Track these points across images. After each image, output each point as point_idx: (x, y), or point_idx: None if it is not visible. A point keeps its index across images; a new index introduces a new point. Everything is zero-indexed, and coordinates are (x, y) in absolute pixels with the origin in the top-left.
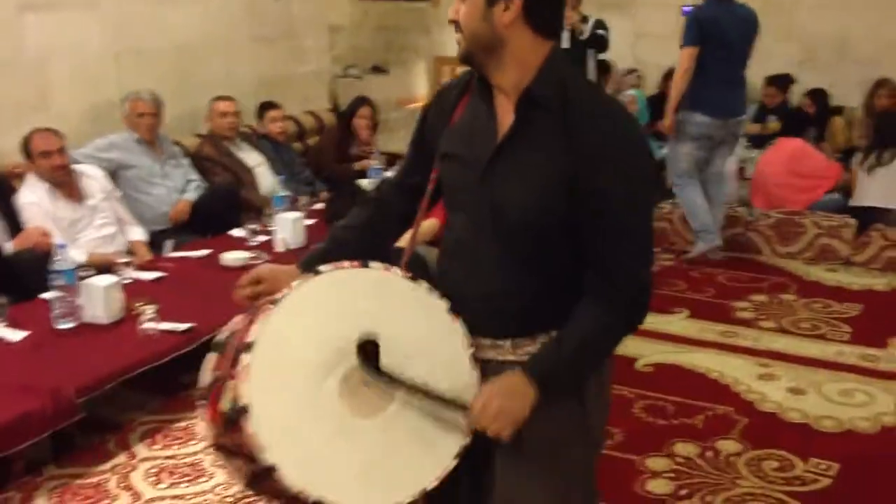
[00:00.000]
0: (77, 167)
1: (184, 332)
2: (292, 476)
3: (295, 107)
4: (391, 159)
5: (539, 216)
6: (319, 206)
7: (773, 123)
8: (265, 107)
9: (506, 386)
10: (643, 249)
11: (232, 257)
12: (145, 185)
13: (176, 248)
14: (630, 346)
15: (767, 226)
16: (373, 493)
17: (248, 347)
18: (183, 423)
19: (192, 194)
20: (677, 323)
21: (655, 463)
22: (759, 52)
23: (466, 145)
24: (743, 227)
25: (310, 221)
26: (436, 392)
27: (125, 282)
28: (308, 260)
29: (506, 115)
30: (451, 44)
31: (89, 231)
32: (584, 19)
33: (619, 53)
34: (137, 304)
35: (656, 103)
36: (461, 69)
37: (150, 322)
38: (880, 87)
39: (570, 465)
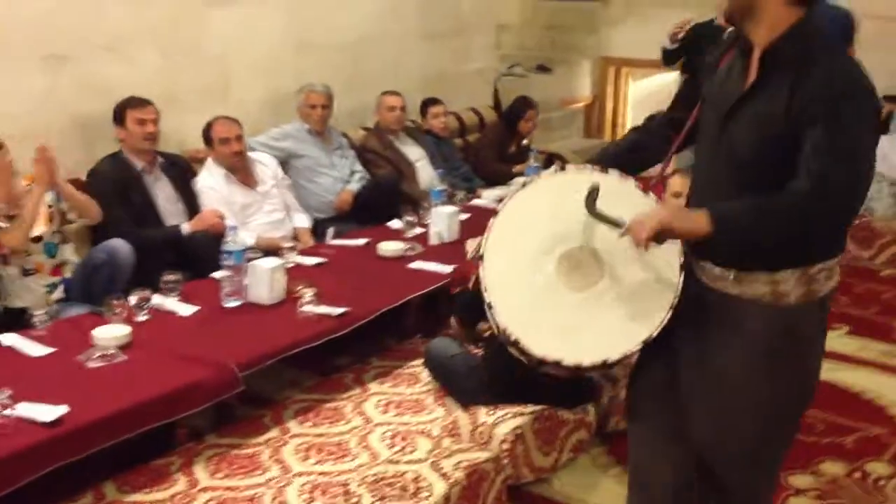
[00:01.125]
0: (252, 154)
1: (338, 316)
2: (502, 316)
3: (458, 103)
4: (549, 159)
5: (760, 157)
6: (476, 201)
7: None
8: (428, 102)
9: (685, 211)
10: (849, 170)
11: (388, 248)
12: (313, 175)
13: (337, 236)
14: None
15: None
16: (563, 348)
17: (495, 214)
18: (333, 404)
19: (355, 185)
20: (836, 339)
21: (800, 480)
22: None
23: (720, 90)
24: None
25: (465, 216)
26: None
27: (288, 265)
28: (589, 159)
29: (755, 70)
30: (617, 44)
31: (259, 216)
32: None
33: None
34: (298, 288)
35: None
36: (626, 69)
37: (309, 305)
38: None
39: (745, 403)
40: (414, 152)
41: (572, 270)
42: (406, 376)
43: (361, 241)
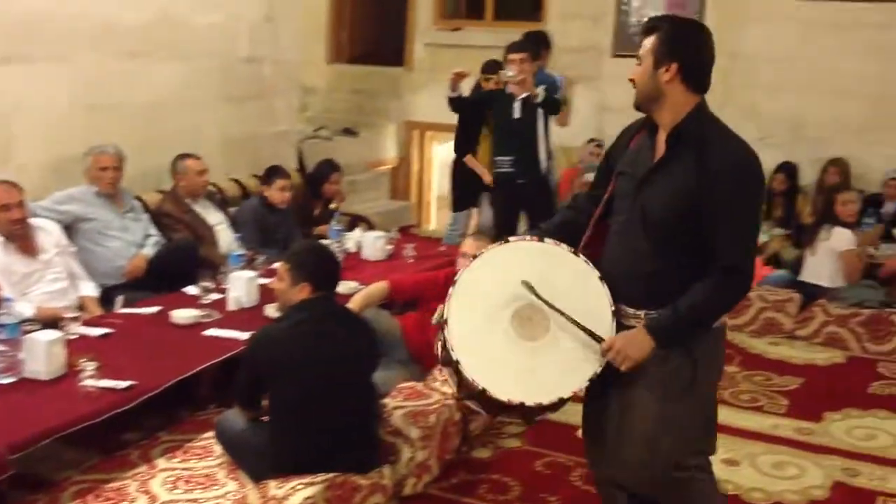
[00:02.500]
0: (33, 221)
1: (124, 389)
2: (469, 370)
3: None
4: (354, 221)
5: (672, 216)
6: (277, 265)
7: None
8: (273, 173)
9: (630, 336)
10: (746, 247)
11: (182, 315)
12: (102, 238)
13: (128, 304)
14: (570, 412)
15: None
16: (523, 392)
17: (454, 283)
18: (116, 484)
19: (149, 249)
20: None
21: None
22: None
23: (632, 166)
24: None
25: (265, 280)
26: (581, 323)
27: (70, 337)
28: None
29: (661, 147)
30: (420, 108)
31: (41, 285)
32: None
33: (583, 125)
34: (80, 361)
35: None
36: (430, 132)
37: (91, 379)
38: (831, 165)
39: (674, 404)
40: (213, 216)
41: (524, 324)
42: (198, 450)
43: (153, 309)
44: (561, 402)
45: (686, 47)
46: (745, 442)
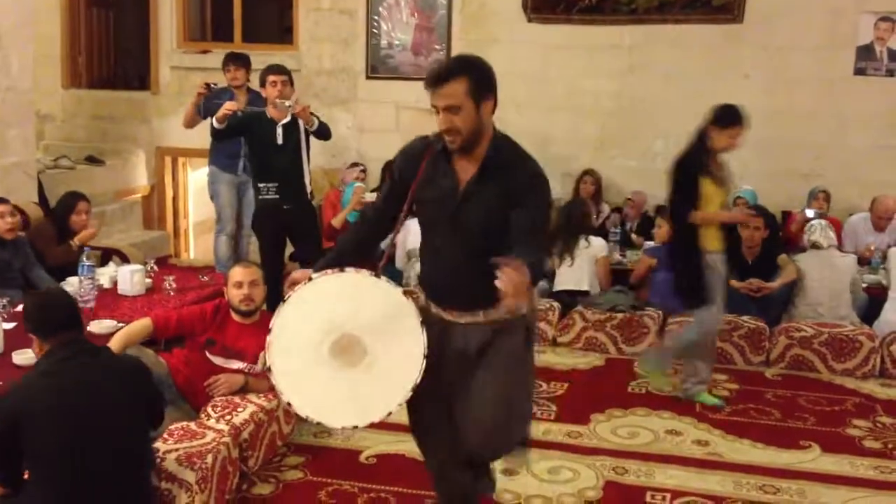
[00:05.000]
0: None
1: None
2: (302, 409)
3: None
4: (107, 253)
5: (492, 228)
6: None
7: None
8: None
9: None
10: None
11: None
12: None
13: None
14: (353, 439)
15: None
16: (355, 415)
17: (269, 331)
18: None
19: None
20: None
21: None
22: None
23: (436, 191)
24: None
25: (9, 325)
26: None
27: None
28: (319, 265)
29: (463, 171)
30: (171, 133)
31: None
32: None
33: (344, 146)
34: None
35: None
36: (183, 158)
37: None
38: (587, 175)
39: (519, 374)
40: None
41: (343, 353)
42: None
43: None
44: (389, 415)
45: (492, 80)
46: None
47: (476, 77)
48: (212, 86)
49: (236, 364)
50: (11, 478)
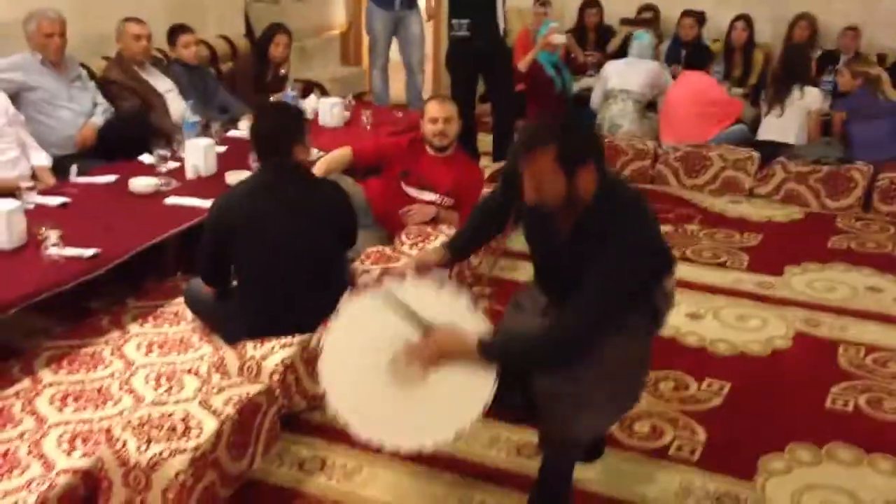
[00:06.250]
0: None
1: (90, 257)
2: (361, 430)
3: (207, 31)
4: (307, 87)
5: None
6: (233, 132)
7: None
8: (177, 30)
9: (458, 340)
10: (593, 321)
11: (141, 184)
12: (50, 108)
13: (81, 174)
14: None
15: (675, 158)
16: (426, 434)
17: (320, 349)
18: (90, 349)
19: (98, 118)
20: None
21: None
22: None
23: (538, 235)
24: (651, 160)
25: (221, 148)
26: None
27: (28, 207)
28: (452, 242)
29: (562, 223)
30: None
31: None
32: None
33: None
34: (41, 230)
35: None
36: None
37: (55, 248)
38: (800, 20)
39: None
40: (162, 84)
41: (399, 370)
42: (168, 315)
43: (110, 178)
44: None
45: (592, 143)
46: (708, 296)
47: (566, 146)
48: None
49: (429, 195)
50: (221, 282)
